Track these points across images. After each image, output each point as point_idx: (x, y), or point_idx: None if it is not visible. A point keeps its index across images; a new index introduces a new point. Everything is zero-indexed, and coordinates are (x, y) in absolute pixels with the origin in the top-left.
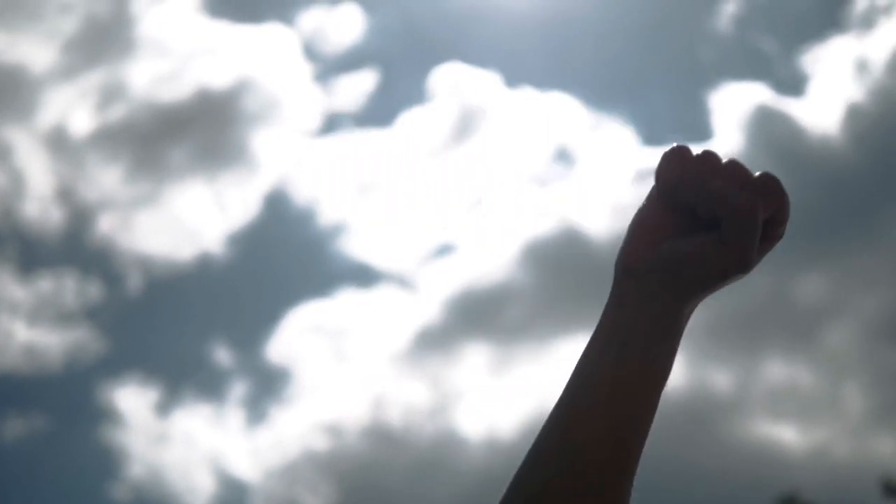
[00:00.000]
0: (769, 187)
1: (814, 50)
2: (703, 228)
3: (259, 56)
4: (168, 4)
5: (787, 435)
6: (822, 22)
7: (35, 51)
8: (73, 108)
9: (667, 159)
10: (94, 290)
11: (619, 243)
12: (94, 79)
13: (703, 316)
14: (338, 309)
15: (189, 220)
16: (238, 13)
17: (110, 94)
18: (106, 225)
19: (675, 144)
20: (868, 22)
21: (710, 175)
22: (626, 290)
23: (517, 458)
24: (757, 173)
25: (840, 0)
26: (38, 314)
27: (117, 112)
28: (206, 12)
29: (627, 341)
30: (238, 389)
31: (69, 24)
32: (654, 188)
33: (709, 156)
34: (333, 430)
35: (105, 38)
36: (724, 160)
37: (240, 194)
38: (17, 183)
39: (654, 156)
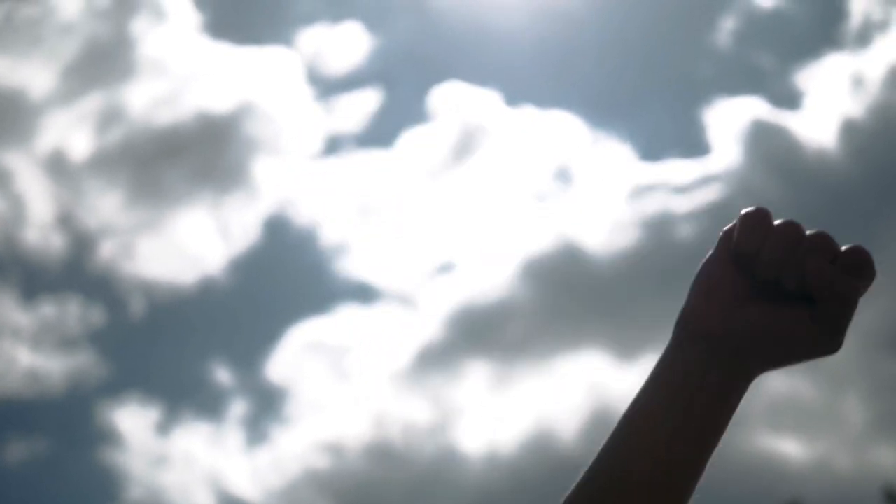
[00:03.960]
0: (865, 269)
1: (810, 67)
2: (776, 296)
3: (260, 78)
4: (169, 26)
5: (788, 446)
6: (818, 39)
7: (35, 74)
8: (73, 132)
9: (748, 225)
10: (97, 316)
11: (686, 301)
12: (94, 102)
13: None
14: (338, 327)
15: (190, 245)
16: (239, 35)
17: (110, 118)
18: (107, 250)
19: (754, 208)
20: (863, 39)
21: (794, 247)
22: (693, 352)
23: (517, 473)
24: (845, 248)
25: (836, 17)
26: (41, 339)
27: (118, 136)
28: (208, 34)
29: (695, 402)
30: (238, 409)
31: (69, 47)
32: (722, 248)
33: (792, 227)
34: (334, 449)
35: (105, 61)
36: (809, 232)
37: (241, 218)
38: (18, 209)
39: (651, 172)
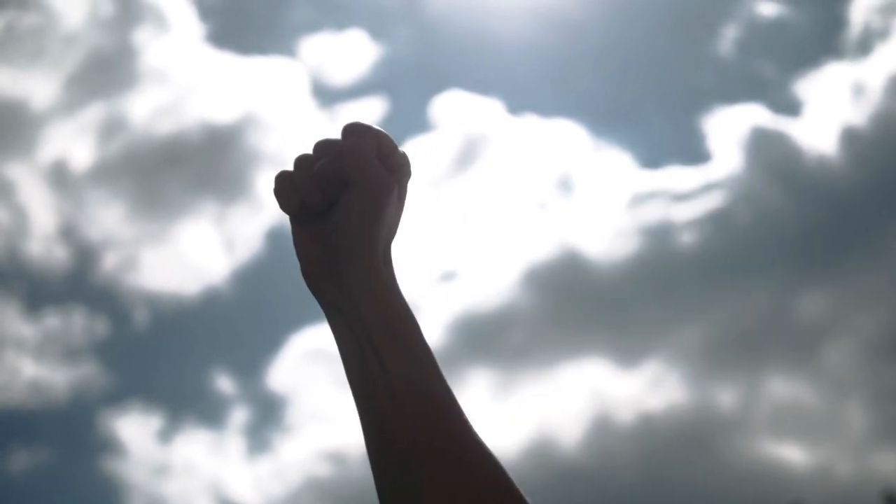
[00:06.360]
0: (352, 129)
1: (810, 75)
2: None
3: (263, 88)
4: (172, 36)
5: (790, 452)
6: (818, 47)
7: (37, 85)
8: (76, 143)
9: (278, 197)
10: (100, 327)
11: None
12: (96, 112)
13: (705, 335)
14: None
15: (193, 256)
16: (243, 45)
17: (113, 128)
18: (110, 261)
19: (274, 176)
20: (864, 48)
21: (308, 169)
22: (343, 305)
23: (518, 479)
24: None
25: (836, 26)
26: (45, 351)
27: (120, 146)
28: (211, 44)
29: (375, 338)
30: (240, 417)
31: (72, 57)
32: (291, 223)
33: (301, 158)
34: (335, 457)
35: (108, 71)
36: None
37: (244, 228)
38: (21, 220)
39: (652, 179)
